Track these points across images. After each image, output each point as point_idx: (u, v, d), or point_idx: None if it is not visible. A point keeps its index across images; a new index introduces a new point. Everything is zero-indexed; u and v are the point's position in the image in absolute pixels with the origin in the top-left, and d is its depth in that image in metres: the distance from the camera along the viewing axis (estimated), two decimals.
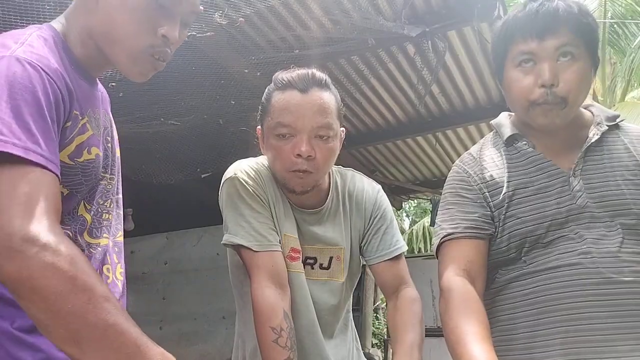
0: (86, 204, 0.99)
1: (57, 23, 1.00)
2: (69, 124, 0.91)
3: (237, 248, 1.28)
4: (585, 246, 1.14)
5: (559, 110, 1.17)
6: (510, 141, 1.30)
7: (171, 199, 5.05)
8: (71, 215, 0.95)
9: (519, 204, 1.22)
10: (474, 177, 1.29)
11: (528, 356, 1.16)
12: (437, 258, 1.27)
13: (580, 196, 1.18)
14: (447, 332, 1.16)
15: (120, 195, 1.14)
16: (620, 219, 1.15)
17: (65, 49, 0.96)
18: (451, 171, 1.36)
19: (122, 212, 1.14)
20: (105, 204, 1.05)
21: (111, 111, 1.15)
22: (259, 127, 1.35)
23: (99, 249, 1.00)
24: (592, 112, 1.30)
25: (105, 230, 1.04)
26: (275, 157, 1.27)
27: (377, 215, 1.41)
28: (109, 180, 1.06)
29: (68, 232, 0.94)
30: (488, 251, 1.24)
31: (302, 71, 1.28)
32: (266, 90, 1.33)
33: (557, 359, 1.11)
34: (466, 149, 5.50)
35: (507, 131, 1.31)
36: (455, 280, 1.18)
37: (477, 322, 1.12)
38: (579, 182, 1.19)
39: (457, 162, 1.37)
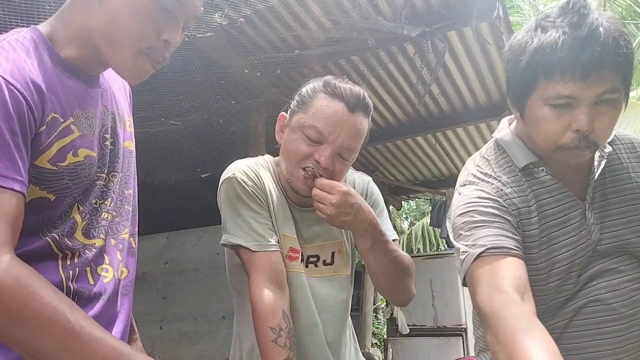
0: (79, 206, 0.97)
1: (45, 25, 0.99)
2: (42, 129, 0.88)
3: (236, 248, 1.29)
4: (601, 282, 1.12)
5: (589, 153, 1.07)
6: (525, 168, 1.17)
7: (171, 199, 5.06)
8: (62, 218, 0.94)
9: (549, 240, 1.13)
10: (507, 201, 1.13)
11: None
12: (466, 284, 1.08)
13: (594, 230, 1.13)
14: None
15: (131, 191, 1.12)
16: (632, 253, 1.13)
17: (49, 51, 0.95)
18: (470, 190, 1.16)
19: (131, 209, 1.12)
20: (105, 202, 1.03)
21: None
22: (285, 113, 1.35)
23: (94, 250, 0.99)
24: None
25: (103, 230, 1.02)
26: (292, 153, 1.28)
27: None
28: (110, 178, 1.04)
29: (55, 235, 0.93)
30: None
31: (354, 87, 1.28)
32: (311, 84, 1.32)
33: None
34: (466, 149, 5.55)
35: (521, 158, 1.17)
36: (500, 297, 0.94)
37: (544, 338, 0.85)
38: (592, 215, 1.14)
39: (474, 180, 1.18)
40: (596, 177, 1.14)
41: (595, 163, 1.15)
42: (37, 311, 0.75)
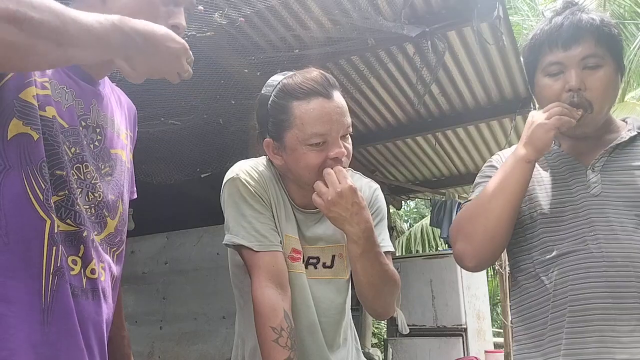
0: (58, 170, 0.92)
1: None
2: None
3: (238, 248, 1.28)
4: (593, 233, 1.20)
5: (587, 115, 1.24)
6: None
7: (171, 199, 5.05)
8: (44, 172, 0.89)
9: (533, 190, 1.32)
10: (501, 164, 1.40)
11: (543, 333, 1.23)
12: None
13: (595, 187, 1.25)
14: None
15: (113, 198, 1.07)
16: (636, 209, 1.20)
17: None
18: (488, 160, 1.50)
19: (110, 211, 1.05)
20: (81, 194, 0.97)
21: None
22: (268, 139, 1.30)
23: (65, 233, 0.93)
24: (626, 122, 1.37)
25: (82, 218, 0.95)
26: (307, 166, 1.25)
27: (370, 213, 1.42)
28: (91, 169, 0.99)
29: (37, 190, 0.87)
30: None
31: (312, 74, 1.26)
32: (274, 101, 1.27)
33: (565, 337, 1.18)
34: (465, 149, 5.56)
35: None
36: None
37: None
38: (596, 176, 1.26)
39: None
40: (609, 147, 1.28)
41: (614, 142, 1.29)
42: None
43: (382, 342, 6.92)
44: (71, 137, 0.97)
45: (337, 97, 1.26)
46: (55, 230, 0.89)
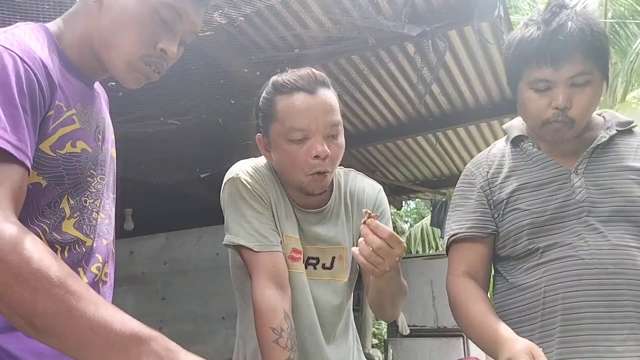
0: (70, 199, 0.97)
1: (53, 25, 1.03)
2: (51, 113, 0.90)
3: (238, 248, 1.28)
4: (582, 240, 1.18)
5: (568, 130, 1.23)
6: (516, 142, 1.37)
7: (171, 199, 5.04)
8: (51, 207, 0.93)
9: (517, 199, 1.29)
10: (478, 177, 1.37)
11: (530, 340, 1.19)
12: (448, 256, 1.40)
13: (580, 192, 1.23)
14: (462, 320, 1.28)
15: (113, 196, 1.13)
16: (622, 215, 1.19)
17: (56, 47, 0.98)
18: (462, 172, 1.45)
19: (113, 214, 1.12)
20: (96, 202, 1.03)
21: (111, 110, 1.16)
22: (259, 134, 1.32)
23: (84, 248, 0.99)
24: (604, 118, 1.34)
25: (95, 230, 1.02)
26: (290, 162, 1.25)
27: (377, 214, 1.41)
28: (98, 180, 1.04)
29: (44, 226, 0.91)
30: (494, 247, 1.32)
31: (302, 72, 1.26)
32: (263, 96, 1.29)
33: (556, 347, 1.16)
34: (466, 148, 5.54)
35: (515, 133, 1.38)
36: (457, 281, 1.32)
37: (481, 301, 1.25)
38: (580, 179, 1.24)
39: (468, 163, 1.45)
40: (590, 148, 1.26)
41: (597, 139, 1.27)
42: (39, 271, 0.71)
43: (383, 343, 6.91)
44: (95, 158, 1.02)
45: (323, 94, 1.24)
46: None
